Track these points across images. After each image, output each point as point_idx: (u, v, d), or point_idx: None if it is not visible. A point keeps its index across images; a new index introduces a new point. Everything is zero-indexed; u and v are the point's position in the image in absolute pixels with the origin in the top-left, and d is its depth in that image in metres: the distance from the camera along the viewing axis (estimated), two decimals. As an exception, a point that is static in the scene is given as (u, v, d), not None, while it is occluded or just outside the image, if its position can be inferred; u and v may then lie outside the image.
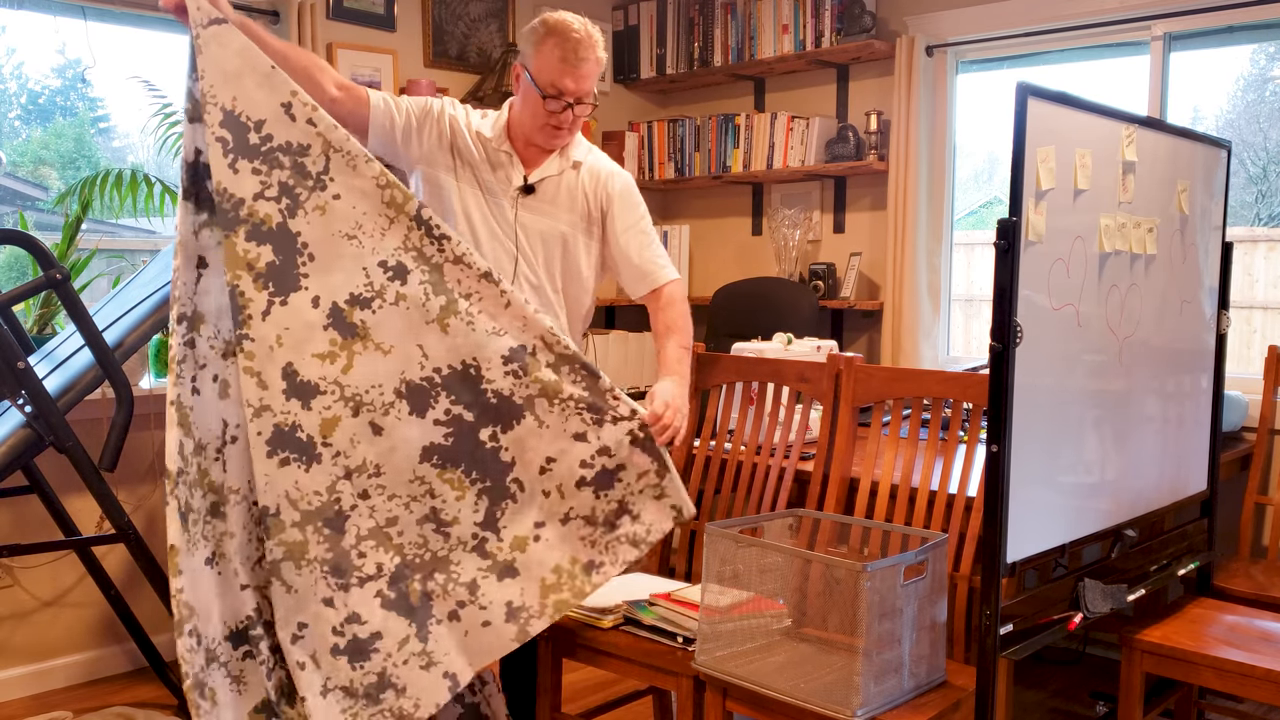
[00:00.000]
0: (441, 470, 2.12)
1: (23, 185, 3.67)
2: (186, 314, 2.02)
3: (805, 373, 2.62)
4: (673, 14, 4.66)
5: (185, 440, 2.01)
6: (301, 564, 2.03)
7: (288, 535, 2.02)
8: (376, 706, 2.03)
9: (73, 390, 2.71)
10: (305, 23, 3.67)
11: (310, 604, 2.03)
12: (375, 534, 2.08)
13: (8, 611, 3.27)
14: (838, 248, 4.42)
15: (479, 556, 2.14)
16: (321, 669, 2.03)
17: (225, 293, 2.03)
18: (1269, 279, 3.78)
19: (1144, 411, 2.34)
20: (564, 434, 2.15)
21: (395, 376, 2.09)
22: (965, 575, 2.24)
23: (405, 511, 2.10)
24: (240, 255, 1.99)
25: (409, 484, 2.10)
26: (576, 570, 2.16)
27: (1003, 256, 1.87)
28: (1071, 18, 3.71)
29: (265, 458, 2.01)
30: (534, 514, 2.16)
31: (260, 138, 2.00)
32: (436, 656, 2.08)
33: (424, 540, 2.11)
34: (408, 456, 2.10)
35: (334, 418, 2.05)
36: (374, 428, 2.07)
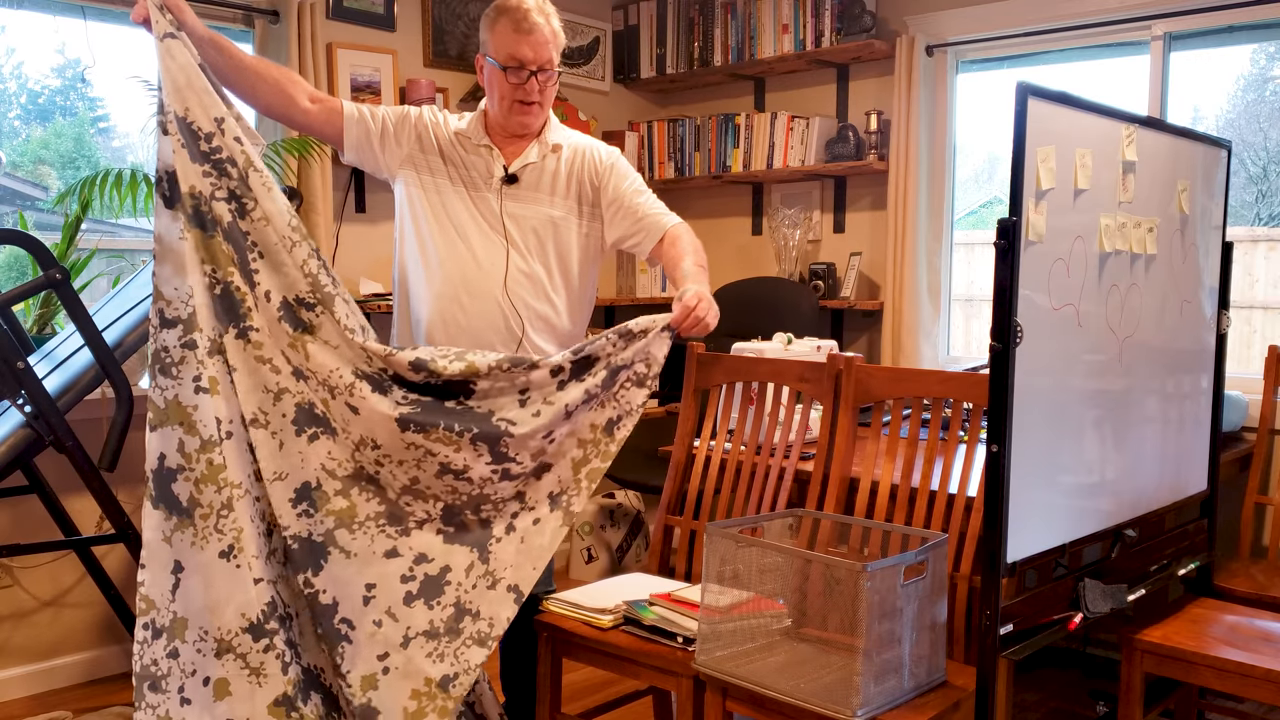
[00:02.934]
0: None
1: (23, 185, 3.67)
2: (181, 316, 2.04)
3: (805, 373, 2.62)
4: (673, 14, 4.66)
5: (188, 438, 2.03)
6: (354, 527, 2.11)
7: (334, 504, 2.11)
8: (459, 638, 2.13)
9: (73, 390, 2.71)
10: (305, 23, 3.66)
11: (373, 563, 2.12)
12: (408, 490, 2.17)
13: (8, 611, 3.27)
14: (838, 248, 4.42)
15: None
16: (399, 622, 2.12)
17: (208, 293, 2.08)
18: (1269, 279, 3.78)
19: (1144, 411, 2.34)
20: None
21: (348, 364, 2.16)
22: (965, 575, 2.23)
23: (420, 472, 2.16)
24: (226, 253, 2.09)
25: (405, 450, 2.16)
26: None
27: (1003, 256, 1.87)
28: (1071, 18, 3.71)
29: (295, 436, 2.11)
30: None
31: (210, 147, 2.09)
32: (499, 573, 2.18)
33: (454, 488, 2.18)
34: (391, 439, 2.15)
35: (324, 399, 2.14)
36: (351, 407, 2.14)
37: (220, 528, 2.05)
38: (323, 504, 2.10)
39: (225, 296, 2.08)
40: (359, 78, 3.93)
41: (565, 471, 2.22)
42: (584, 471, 2.22)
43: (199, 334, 2.05)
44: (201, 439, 2.04)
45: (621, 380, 2.22)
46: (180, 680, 2.02)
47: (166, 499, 2.03)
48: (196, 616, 2.03)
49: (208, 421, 2.05)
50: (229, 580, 2.05)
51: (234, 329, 2.09)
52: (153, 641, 2.01)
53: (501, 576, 2.17)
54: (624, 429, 2.23)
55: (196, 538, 2.03)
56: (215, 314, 2.09)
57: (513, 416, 2.16)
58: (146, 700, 2.00)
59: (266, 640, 2.07)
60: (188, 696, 2.03)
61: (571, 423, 2.20)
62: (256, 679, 2.07)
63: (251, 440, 2.10)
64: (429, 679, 2.11)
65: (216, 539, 2.04)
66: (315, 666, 2.18)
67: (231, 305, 2.09)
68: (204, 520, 2.03)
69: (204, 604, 2.03)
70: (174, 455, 2.02)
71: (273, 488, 2.10)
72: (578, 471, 2.22)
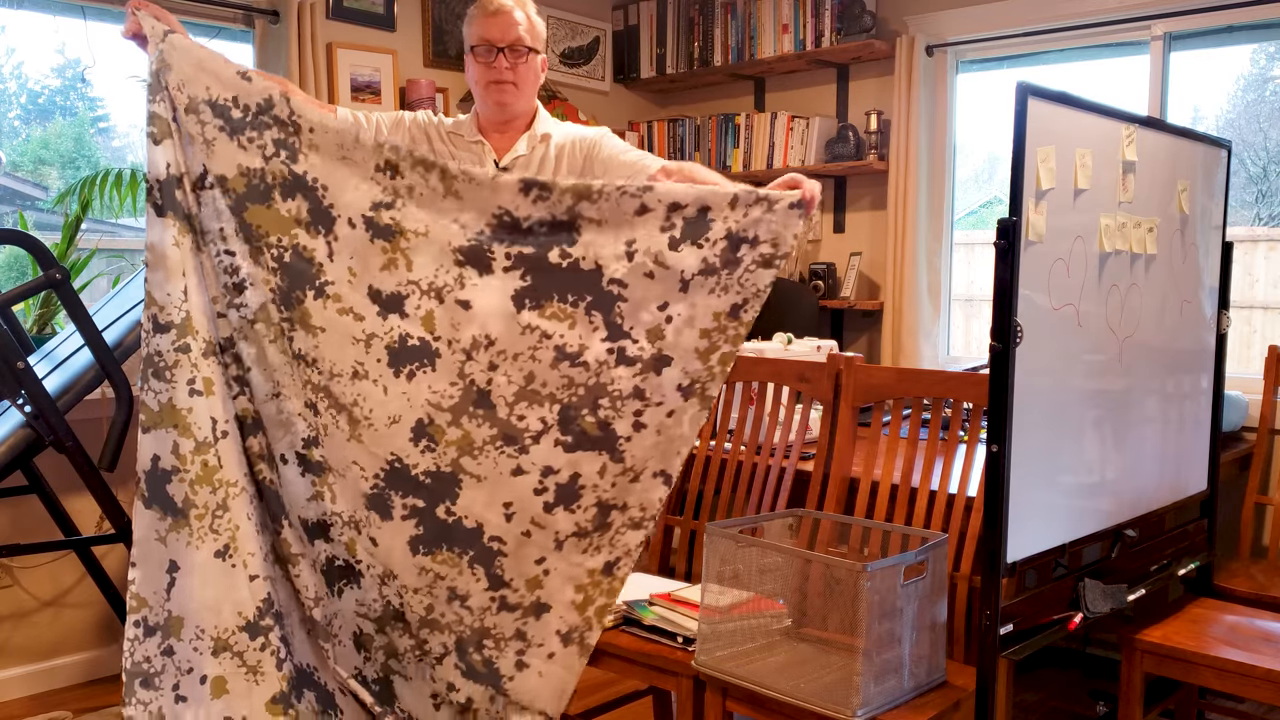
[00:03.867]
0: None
1: (23, 185, 3.67)
2: (175, 322, 2.05)
3: (805, 373, 2.62)
4: (673, 14, 4.66)
5: (182, 440, 2.04)
6: (475, 453, 2.14)
7: (450, 435, 2.14)
8: (610, 530, 2.18)
9: (72, 390, 2.71)
10: (305, 22, 3.66)
11: (503, 483, 2.15)
12: (522, 394, 2.15)
13: (8, 611, 3.27)
14: (838, 248, 4.42)
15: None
16: (546, 529, 2.15)
17: (204, 294, 2.10)
18: (1269, 279, 3.78)
19: (1144, 411, 2.34)
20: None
21: (448, 251, 2.14)
22: (965, 575, 2.23)
23: (536, 364, 2.15)
24: (286, 216, 2.10)
25: (520, 337, 2.14)
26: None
27: (1003, 256, 1.87)
28: (1071, 18, 3.71)
29: (395, 378, 2.12)
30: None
31: (241, 110, 2.10)
32: (639, 466, 2.18)
33: (569, 380, 2.15)
34: (507, 325, 2.13)
35: (428, 312, 2.13)
36: (462, 304, 2.13)
37: (215, 528, 2.07)
38: (440, 436, 2.13)
39: (293, 263, 2.10)
40: (359, 78, 3.93)
41: (692, 363, 2.15)
42: (714, 358, 2.15)
43: (192, 338, 2.07)
44: (196, 441, 2.05)
45: (746, 260, 2.11)
46: (175, 678, 2.04)
47: (160, 500, 2.04)
48: (193, 615, 2.05)
49: (202, 424, 2.06)
50: (225, 579, 2.07)
51: (310, 291, 2.11)
52: (145, 639, 2.03)
53: (643, 468, 2.18)
54: (750, 312, 2.14)
55: (192, 538, 2.05)
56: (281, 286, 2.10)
57: (621, 275, 2.10)
58: (138, 696, 2.02)
59: (262, 638, 2.09)
60: (183, 694, 2.04)
61: (690, 305, 2.12)
62: (254, 677, 2.09)
63: (358, 395, 2.12)
64: (591, 569, 2.19)
65: (212, 539, 2.06)
66: (308, 665, 2.19)
67: (301, 270, 2.11)
68: (199, 520, 2.05)
69: (201, 603, 2.05)
70: (168, 457, 2.04)
71: (391, 432, 2.13)
72: (707, 360, 2.14)
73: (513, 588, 2.18)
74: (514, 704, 2.20)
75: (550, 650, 2.21)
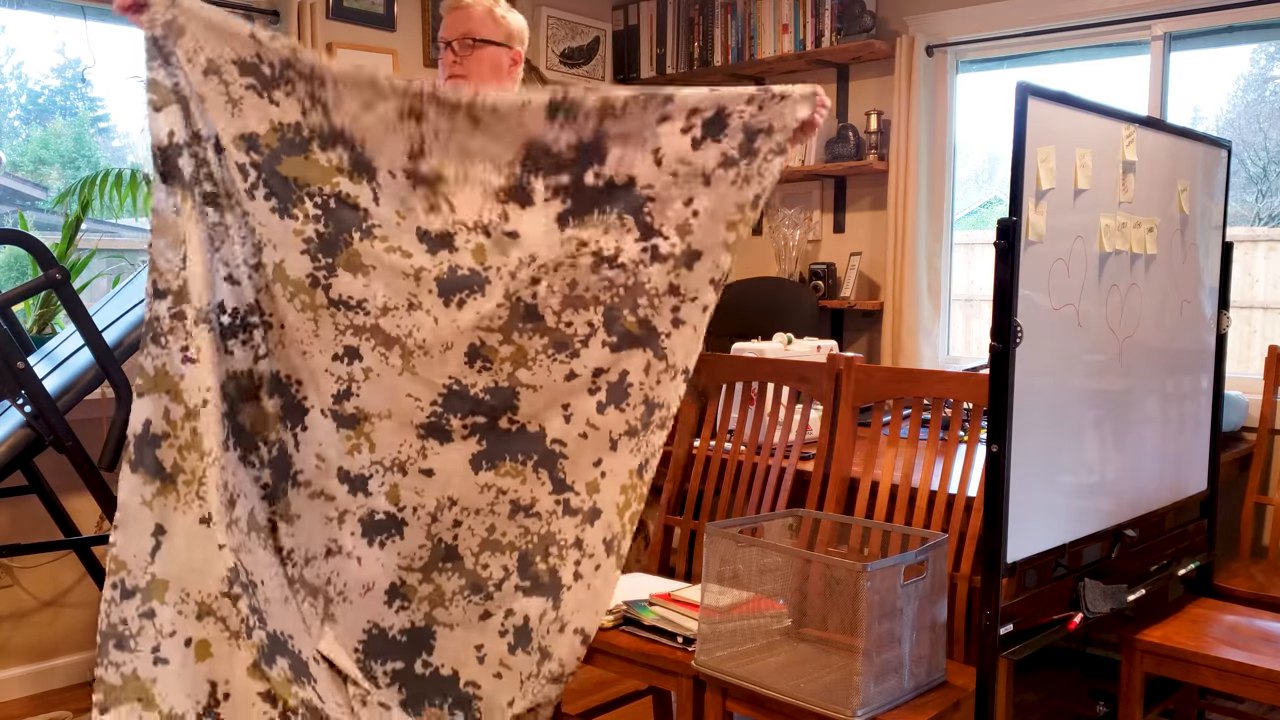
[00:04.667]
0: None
1: (23, 185, 3.67)
2: (172, 288, 2.07)
3: (805, 373, 2.62)
4: (673, 14, 4.66)
5: (173, 406, 2.06)
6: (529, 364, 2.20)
7: (503, 352, 2.19)
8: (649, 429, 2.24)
9: (72, 390, 2.71)
10: (305, 22, 3.67)
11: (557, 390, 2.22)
12: (567, 301, 2.21)
13: (8, 611, 3.27)
14: (838, 248, 4.42)
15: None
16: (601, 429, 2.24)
17: (205, 263, 2.10)
18: (1269, 279, 3.78)
19: (1144, 411, 2.34)
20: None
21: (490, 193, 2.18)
22: (965, 575, 2.24)
23: (576, 271, 2.20)
24: (327, 166, 2.12)
25: (561, 248, 2.19)
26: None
27: (1003, 256, 1.87)
28: (1071, 18, 3.71)
29: (445, 308, 2.16)
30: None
31: (269, 66, 2.11)
32: (676, 364, 2.25)
33: (609, 281, 2.21)
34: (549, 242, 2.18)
35: (478, 245, 2.17)
36: (509, 235, 2.18)
37: (201, 494, 2.09)
38: (494, 356, 2.18)
39: (338, 209, 2.12)
40: (359, 78, 3.93)
41: (720, 255, 2.22)
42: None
43: (187, 305, 2.08)
44: (186, 407, 2.07)
45: (762, 150, 2.18)
46: (155, 640, 2.04)
47: (148, 464, 2.05)
48: (179, 579, 2.06)
49: (192, 391, 2.08)
50: (209, 545, 2.08)
51: (357, 233, 2.13)
52: (122, 601, 2.03)
53: (679, 364, 2.24)
54: (764, 199, 2.22)
55: (179, 503, 2.06)
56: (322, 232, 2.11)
57: (651, 180, 2.17)
58: (110, 658, 2.03)
59: (235, 606, 2.11)
60: (164, 656, 2.05)
61: (715, 197, 2.19)
62: (236, 642, 2.10)
63: (414, 325, 2.15)
64: (631, 470, 2.24)
65: (198, 505, 2.08)
66: (282, 633, 2.19)
67: (346, 215, 2.13)
68: (187, 486, 2.07)
69: (187, 566, 2.06)
70: (159, 422, 2.05)
71: (445, 358, 2.17)
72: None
73: (575, 490, 2.23)
74: (558, 621, 2.22)
75: (598, 562, 2.24)
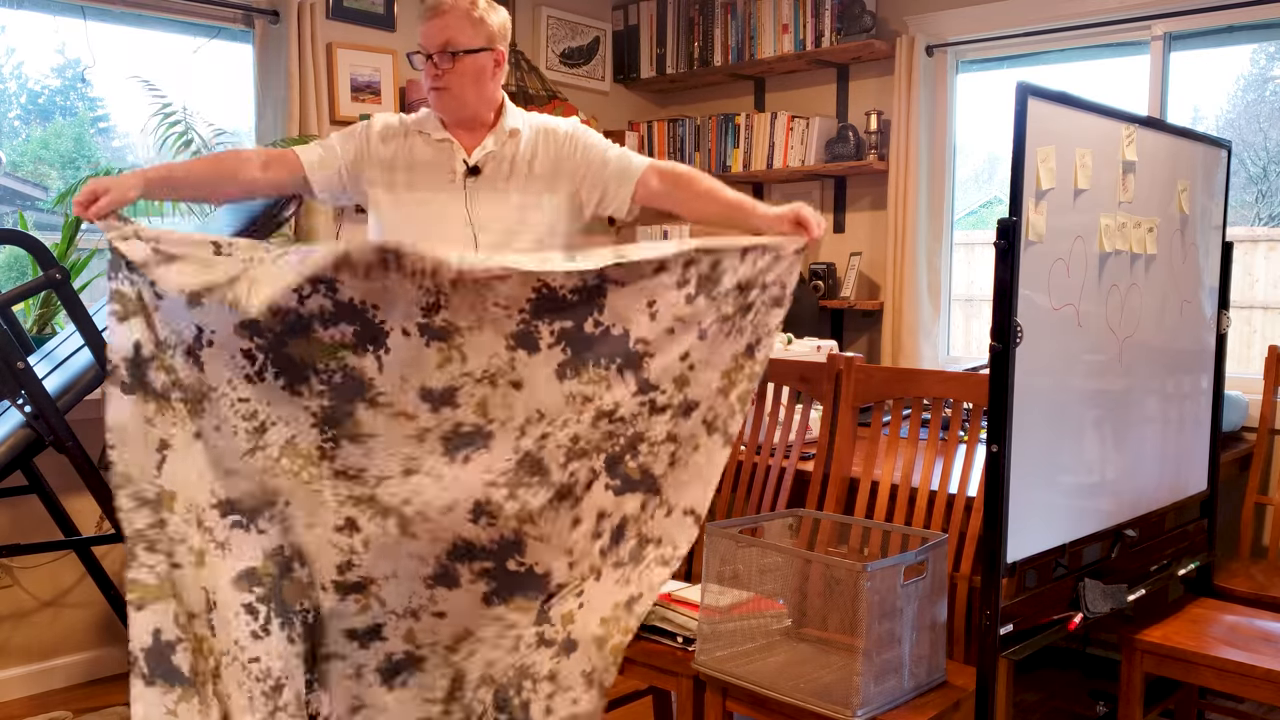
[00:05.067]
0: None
1: (23, 185, 3.67)
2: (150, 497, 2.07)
3: (805, 373, 2.62)
4: (673, 14, 4.66)
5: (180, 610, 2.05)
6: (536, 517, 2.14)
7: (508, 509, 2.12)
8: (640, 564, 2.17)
9: (73, 390, 2.71)
10: (305, 23, 3.67)
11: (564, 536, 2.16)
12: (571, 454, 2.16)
13: (8, 611, 3.27)
14: (838, 248, 4.42)
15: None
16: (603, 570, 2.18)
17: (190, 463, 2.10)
18: (1269, 279, 3.78)
19: (1144, 411, 2.34)
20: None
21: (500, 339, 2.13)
22: (965, 575, 2.23)
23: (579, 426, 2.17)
24: (330, 343, 2.08)
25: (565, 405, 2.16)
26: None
27: (1003, 256, 1.87)
28: (1071, 18, 3.71)
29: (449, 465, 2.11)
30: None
31: None
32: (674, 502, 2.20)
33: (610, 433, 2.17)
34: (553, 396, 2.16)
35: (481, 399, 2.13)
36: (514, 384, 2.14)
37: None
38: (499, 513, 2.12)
39: (344, 382, 2.09)
40: (359, 78, 3.93)
41: (716, 401, 2.21)
42: (734, 396, 2.20)
43: (179, 510, 2.08)
44: (191, 612, 2.07)
45: (756, 303, 2.19)
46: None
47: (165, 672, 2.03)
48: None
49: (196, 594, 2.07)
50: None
51: (361, 403, 2.09)
52: None
53: (675, 503, 2.20)
54: (764, 350, 2.20)
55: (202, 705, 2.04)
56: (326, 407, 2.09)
57: (646, 334, 2.16)
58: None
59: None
60: None
61: (709, 349, 2.18)
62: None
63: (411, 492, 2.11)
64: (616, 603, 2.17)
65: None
66: None
67: (351, 387, 2.09)
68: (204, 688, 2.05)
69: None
70: (171, 628, 2.04)
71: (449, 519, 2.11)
72: (727, 397, 2.20)
73: (553, 623, 2.18)
74: None
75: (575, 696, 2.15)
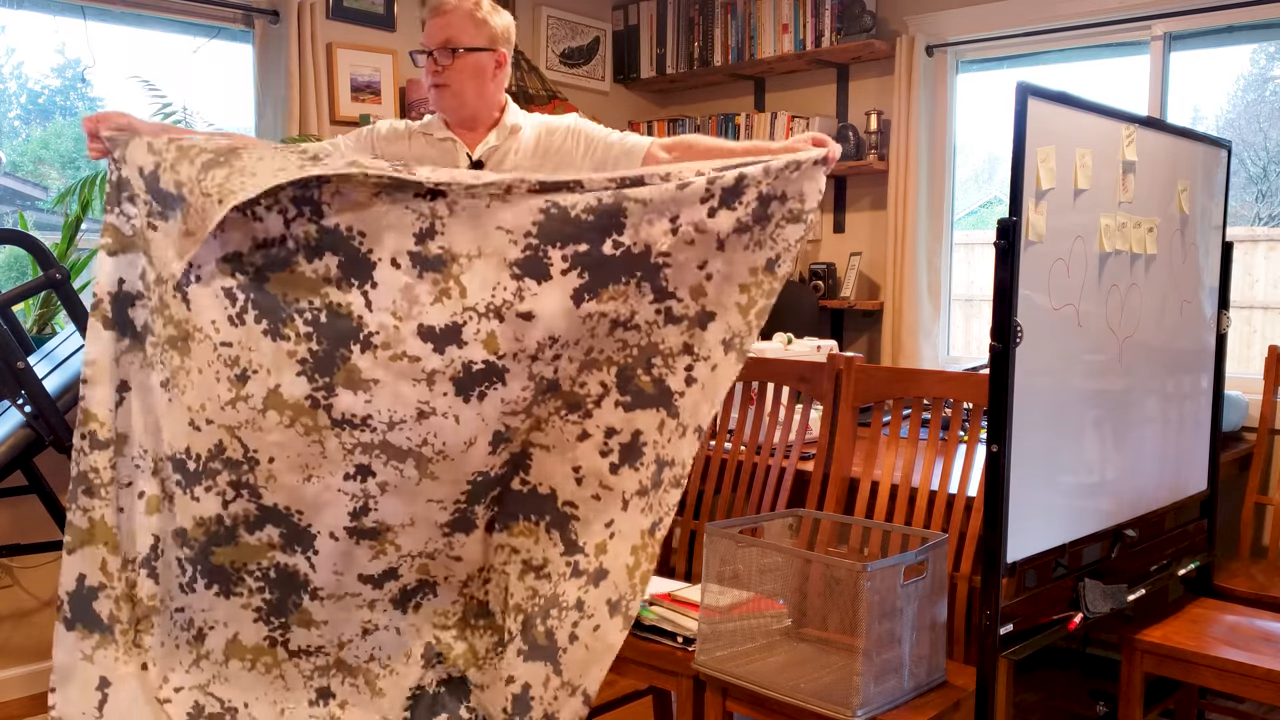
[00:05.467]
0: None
1: (23, 185, 3.67)
2: (112, 438, 2.06)
3: (805, 373, 2.62)
4: (673, 14, 4.66)
5: (110, 557, 2.05)
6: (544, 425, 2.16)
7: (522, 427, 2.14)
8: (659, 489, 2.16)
9: (72, 390, 2.70)
10: (305, 23, 3.67)
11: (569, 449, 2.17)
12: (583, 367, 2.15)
13: (8, 611, 3.27)
14: (838, 247, 4.42)
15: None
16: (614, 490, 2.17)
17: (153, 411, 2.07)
18: (1269, 279, 3.78)
19: (1144, 411, 2.34)
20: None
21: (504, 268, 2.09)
22: (965, 575, 2.23)
23: (594, 339, 2.15)
24: (313, 277, 2.02)
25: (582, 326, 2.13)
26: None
27: (1003, 256, 1.87)
28: (1071, 18, 3.71)
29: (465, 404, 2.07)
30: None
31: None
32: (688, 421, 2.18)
33: (624, 343, 2.16)
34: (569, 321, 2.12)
35: (489, 334, 2.06)
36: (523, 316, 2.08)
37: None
38: (515, 435, 2.14)
39: (330, 322, 2.03)
40: (359, 78, 3.93)
41: (733, 318, 2.18)
42: (752, 314, 2.17)
43: (136, 454, 2.06)
44: (123, 558, 2.06)
45: (776, 216, 2.15)
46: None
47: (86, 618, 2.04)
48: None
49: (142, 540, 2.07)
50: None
51: (356, 345, 2.03)
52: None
53: (690, 423, 2.19)
54: (784, 266, 2.16)
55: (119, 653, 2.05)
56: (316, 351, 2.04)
57: (667, 248, 2.12)
58: None
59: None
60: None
61: (728, 261, 2.15)
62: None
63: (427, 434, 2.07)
64: (643, 530, 2.18)
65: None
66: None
67: (340, 328, 2.02)
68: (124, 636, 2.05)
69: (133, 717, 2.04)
70: (95, 574, 2.04)
71: (467, 456, 2.10)
72: (745, 315, 2.17)
73: (585, 551, 2.19)
74: (567, 685, 2.17)
75: (597, 623, 2.18)
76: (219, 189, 1.98)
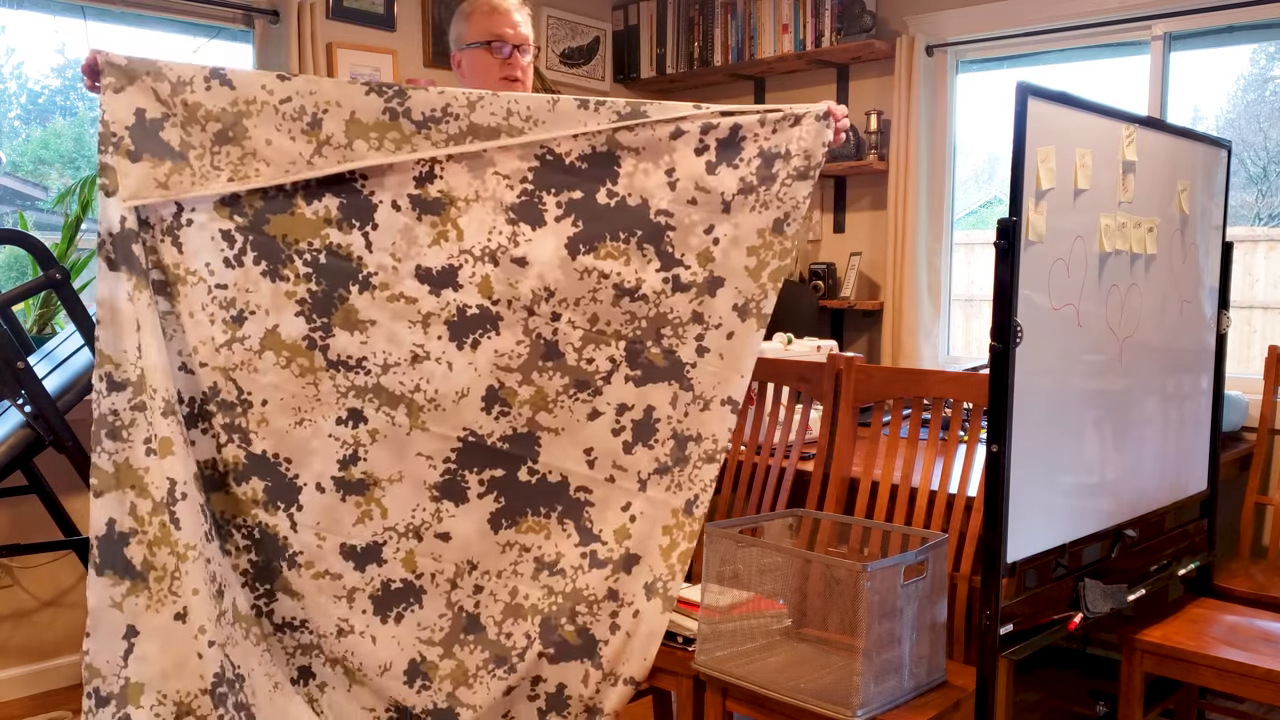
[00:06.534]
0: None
1: (23, 185, 3.67)
2: (131, 379, 1.97)
3: (805, 373, 2.62)
4: (673, 14, 4.66)
5: (139, 501, 1.95)
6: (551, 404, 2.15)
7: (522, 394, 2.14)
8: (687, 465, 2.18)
9: (73, 390, 2.71)
10: (305, 22, 3.66)
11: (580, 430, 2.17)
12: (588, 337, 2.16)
13: (8, 611, 3.27)
14: (838, 248, 4.42)
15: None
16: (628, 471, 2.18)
17: (163, 351, 2.01)
18: (1269, 279, 3.78)
19: (1144, 411, 2.34)
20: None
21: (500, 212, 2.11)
22: (965, 575, 2.23)
23: (598, 305, 2.15)
24: (313, 219, 2.06)
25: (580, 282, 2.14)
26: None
27: (1003, 256, 1.87)
28: (1071, 18, 3.71)
29: (459, 351, 2.11)
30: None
31: None
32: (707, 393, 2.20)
33: (631, 314, 2.17)
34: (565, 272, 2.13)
35: (484, 278, 2.11)
36: (517, 261, 2.11)
37: (175, 590, 1.96)
38: (513, 400, 2.12)
39: (330, 263, 2.06)
40: (359, 78, 3.92)
41: (744, 282, 2.17)
42: (765, 275, 2.17)
43: (149, 396, 1.98)
44: (154, 501, 1.96)
45: (781, 174, 2.14)
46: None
47: (117, 564, 1.94)
48: (154, 682, 1.93)
49: (159, 483, 1.97)
50: (187, 644, 1.96)
51: (355, 286, 2.07)
52: (98, 710, 1.92)
53: (712, 395, 2.18)
54: (793, 225, 2.16)
55: (151, 601, 1.94)
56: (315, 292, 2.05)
57: (667, 205, 2.13)
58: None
59: (222, 710, 1.99)
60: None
61: (734, 224, 2.14)
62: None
63: (420, 379, 2.09)
64: (674, 509, 2.17)
65: (171, 601, 1.95)
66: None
67: (339, 268, 2.07)
68: (158, 583, 1.95)
69: (162, 669, 1.94)
70: (125, 519, 1.94)
71: (460, 408, 2.11)
72: (757, 278, 2.17)
73: (602, 539, 2.17)
74: (609, 675, 2.18)
75: (636, 608, 2.18)
76: (232, 169, 2.02)
